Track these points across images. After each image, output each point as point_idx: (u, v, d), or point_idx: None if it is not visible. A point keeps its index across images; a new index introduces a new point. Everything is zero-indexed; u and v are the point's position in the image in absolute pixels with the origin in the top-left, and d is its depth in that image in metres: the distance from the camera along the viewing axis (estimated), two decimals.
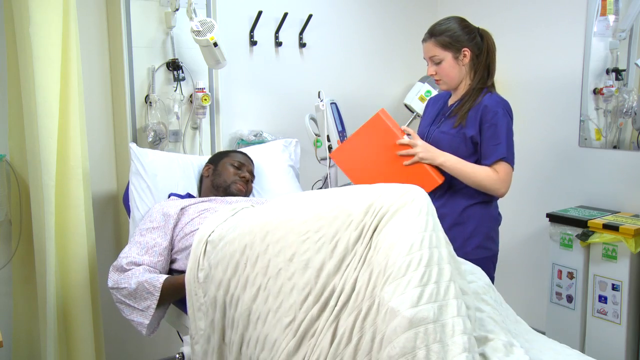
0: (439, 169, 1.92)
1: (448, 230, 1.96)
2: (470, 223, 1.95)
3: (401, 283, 1.20)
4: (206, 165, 2.27)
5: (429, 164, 1.90)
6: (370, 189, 1.41)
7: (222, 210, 1.85)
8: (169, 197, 2.15)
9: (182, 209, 1.94)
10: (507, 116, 1.91)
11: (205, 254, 1.63)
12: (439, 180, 1.89)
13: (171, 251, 1.90)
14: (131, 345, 2.54)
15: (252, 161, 2.30)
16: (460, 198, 1.96)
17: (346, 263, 1.32)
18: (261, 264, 1.43)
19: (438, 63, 1.95)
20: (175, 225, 1.91)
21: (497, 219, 2.04)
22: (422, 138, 2.03)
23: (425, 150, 1.90)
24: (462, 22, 1.95)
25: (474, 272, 1.60)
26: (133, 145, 2.17)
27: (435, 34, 1.93)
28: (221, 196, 2.13)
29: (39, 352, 2.17)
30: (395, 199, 1.33)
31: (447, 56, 1.93)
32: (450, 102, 2.05)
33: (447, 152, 1.93)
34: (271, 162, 2.45)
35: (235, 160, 2.23)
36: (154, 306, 1.72)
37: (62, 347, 2.06)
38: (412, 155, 1.90)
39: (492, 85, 1.99)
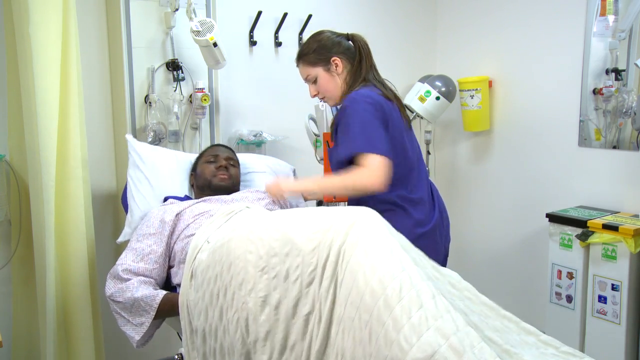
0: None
1: None
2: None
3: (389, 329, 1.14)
4: (190, 174, 2.24)
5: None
6: (319, 218, 1.38)
7: (217, 213, 1.84)
8: (165, 200, 2.11)
9: (177, 214, 1.91)
10: (356, 105, 1.72)
11: (192, 278, 1.63)
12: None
13: (169, 258, 1.88)
14: (131, 345, 2.51)
15: (228, 148, 2.25)
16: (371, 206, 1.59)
17: (304, 311, 1.30)
18: (229, 295, 1.43)
19: (315, 82, 1.92)
20: (172, 232, 1.88)
21: (414, 228, 1.79)
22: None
23: (276, 194, 2.00)
24: (322, 35, 1.90)
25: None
26: (129, 137, 2.16)
27: (300, 56, 1.93)
28: (211, 195, 2.09)
29: (39, 352, 2.17)
30: (343, 234, 1.30)
31: (319, 72, 1.90)
32: None
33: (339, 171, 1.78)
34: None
35: (210, 155, 2.18)
36: (148, 324, 1.72)
37: (61, 347, 2.07)
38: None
39: (363, 81, 1.85)
